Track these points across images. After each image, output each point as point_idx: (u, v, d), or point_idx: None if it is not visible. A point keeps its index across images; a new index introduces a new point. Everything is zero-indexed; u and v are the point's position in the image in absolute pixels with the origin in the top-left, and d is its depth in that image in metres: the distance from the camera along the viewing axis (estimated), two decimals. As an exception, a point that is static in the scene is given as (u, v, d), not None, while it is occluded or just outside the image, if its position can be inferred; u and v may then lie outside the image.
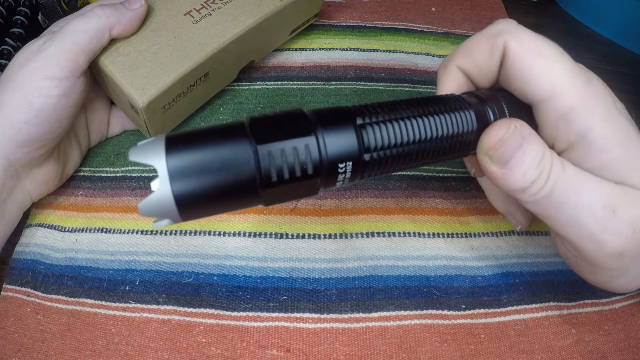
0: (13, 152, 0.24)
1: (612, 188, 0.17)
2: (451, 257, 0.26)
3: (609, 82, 0.19)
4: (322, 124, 0.15)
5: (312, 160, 0.14)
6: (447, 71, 0.20)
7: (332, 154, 0.15)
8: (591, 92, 0.17)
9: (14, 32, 0.34)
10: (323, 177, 0.15)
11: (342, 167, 0.15)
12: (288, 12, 0.32)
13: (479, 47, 0.19)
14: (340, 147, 0.15)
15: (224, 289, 0.25)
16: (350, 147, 0.15)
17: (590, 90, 0.17)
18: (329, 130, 0.15)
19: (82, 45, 0.24)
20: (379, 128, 0.16)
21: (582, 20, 0.45)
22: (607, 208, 0.16)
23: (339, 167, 0.15)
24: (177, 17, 0.28)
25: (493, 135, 0.17)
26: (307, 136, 0.14)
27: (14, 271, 0.26)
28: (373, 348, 0.23)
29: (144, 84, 0.25)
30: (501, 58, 0.18)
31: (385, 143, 0.16)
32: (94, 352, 0.23)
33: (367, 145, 0.15)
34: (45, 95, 0.23)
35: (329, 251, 0.26)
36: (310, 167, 0.14)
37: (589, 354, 0.23)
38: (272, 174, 0.14)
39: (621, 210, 0.16)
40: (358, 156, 0.15)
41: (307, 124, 0.14)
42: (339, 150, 0.15)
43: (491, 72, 0.19)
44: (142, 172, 0.30)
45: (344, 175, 0.15)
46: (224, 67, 0.31)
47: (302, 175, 0.14)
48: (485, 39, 0.19)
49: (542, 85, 0.17)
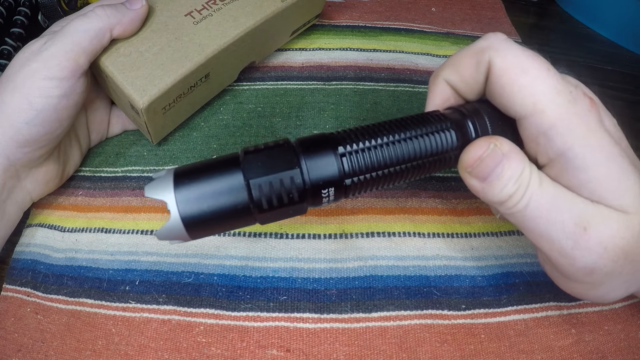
0: (13, 152, 0.24)
1: (587, 206, 0.17)
2: (451, 257, 0.26)
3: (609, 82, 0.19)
4: (306, 154, 0.17)
5: (297, 189, 0.16)
6: (435, 84, 0.21)
7: (316, 182, 0.17)
8: (574, 111, 0.17)
9: (14, 32, 0.34)
10: (309, 200, 0.17)
11: (325, 192, 0.17)
12: (289, 13, 0.32)
13: (465, 62, 0.19)
14: (323, 175, 0.17)
15: (224, 289, 0.25)
16: (332, 175, 0.17)
17: (573, 108, 0.17)
18: (312, 160, 0.17)
19: (83, 46, 0.24)
20: (359, 155, 0.17)
21: (582, 20, 0.45)
22: (579, 225, 0.17)
23: (322, 192, 0.17)
24: (178, 17, 0.28)
25: (472, 154, 0.18)
26: (292, 169, 0.16)
27: (14, 271, 0.26)
28: (373, 348, 0.23)
29: (145, 85, 0.25)
30: (486, 73, 0.19)
31: (365, 168, 0.17)
32: (94, 352, 0.23)
33: (348, 172, 0.17)
34: (46, 95, 0.23)
35: (329, 251, 0.26)
36: (296, 195, 0.16)
37: (589, 354, 0.23)
38: (263, 202, 0.16)
39: (593, 228, 0.17)
40: (339, 182, 0.17)
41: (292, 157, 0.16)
42: (322, 178, 0.17)
43: (477, 86, 0.19)
44: (142, 172, 0.30)
45: (327, 197, 0.17)
46: (225, 68, 0.31)
47: (289, 201, 0.16)
48: (471, 54, 0.19)
49: (523, 102, 0.17)
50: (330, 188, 0.17)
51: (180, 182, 0.16)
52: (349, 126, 0.32)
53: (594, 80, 0.39)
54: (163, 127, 0.30)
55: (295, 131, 0.32)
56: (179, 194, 0.16)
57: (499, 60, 0.18)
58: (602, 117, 0.18)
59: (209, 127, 0.32)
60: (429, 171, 0.19)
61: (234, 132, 0.32)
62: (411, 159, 0.18)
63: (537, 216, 0.17)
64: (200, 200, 0.16)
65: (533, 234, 0.18)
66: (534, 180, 0.17)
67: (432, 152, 0.18)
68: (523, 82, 0.17)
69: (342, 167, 0.17)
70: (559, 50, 0.41)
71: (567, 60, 0.41)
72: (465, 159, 0.18)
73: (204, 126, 0.32)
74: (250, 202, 0.16)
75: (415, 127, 0.18)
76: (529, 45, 0.40)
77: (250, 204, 0.16)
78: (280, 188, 0.16)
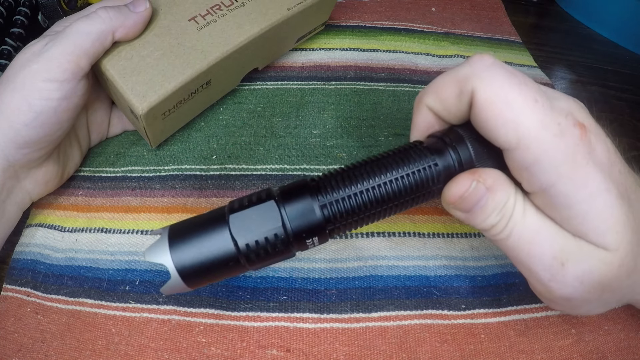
0: (12, 153, 0.23)
1: (568, 241, 0.17)
2: (451, 257, 0.26)
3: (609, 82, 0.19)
4: (288, 207, 0.18)
5: (282, 242, 0.18)
6: (418, 110, 0.20)
7: (298, 233, 0.18)
8: (560, 146, 0.16)
9: (14, 32, 0.34)
10: (295, 248, 0.18)
11: (310, 241, 0.18)
12: (295, 21, 0.31)
13: (448, 90, 0.19)
14: (305, 226, 0.18)
15: (223, 289, 0.25)
16: (315, 225, 0.18)
17: (559, 143, 0.16)
18: (294, 214, 0.18)
19: (85, 48, 0.24)
20: (340, 204, 0.18)
21: (582, 20, 0.45)
22: (557, 259, 0.17)
23: (307, 241, 0.18)
24: (182, 22, 0.28)
25: (454, 191, 0.18)
26: (276, 226, 0.17)
27: (14, 271, 0.26)
28: (373, 348, 0.23)
29: (145, 91, 0.25)
30: (470, 103, 0.18)
31: (346, 215, 0.18)
32: (94, 352, 0.23)
33: (330, 220, 0.18)
34: (46, 97, 0.23)
35: (329, 251, 0.26)
36: (280, 247, 0.18)
37: (589, 354, 0.23)
38: (252, 256, 0.18)
39: (570, 264, 0.17)
40: (322, 230, 0.18)
41: (275, 213, 0.18)
42: (304, 229, 0.18)
43: (460, 114, 0.19)
44: (142, 172, 0.30)
45: (312, 243, 0.19)
46: (227, 75, 0.31)
47: (275, 253, 0.18)
48: (454, 82, 0.18)
49: (507, 137, 0.16)
50: (314, 237, 0.18)
51: (175, 244, 0.18)
52: (349, 126, 0.32)
53: (594, 80, 0.40)
54: (162, 132, 0.30)
55: (295, 131, 0.32)
56: (175, 256, 0.17)
57: (481, 91, 0.17)
58: (593, 146, 0.17)
59: (209, 127, 0.32)
60: (412, 205, 0.19)
61: (234, 132, 0.32)
62: (393, 199, 0.18)
63: (518, 247, 0.18)
64: (194, 259, 0.17)
65: (515, 260, 0.18)
66: (518, 211, 0.17)
67: (414, 189, 0.18)
68: (507, 117, 0.16)
69: (324, 217, 0.18)
70: (559, 50, 0.41)
71: (567, 60, 0.41)
72: (447, 195, 0.18)
73: (204, 126, 0.32)
74: (240, 257, 0.18)
75: (397, 167, 0.18)
76: (529, 45, 0.41)
77: (240, 258, 0.18)
78: (265, 243, 0.17)
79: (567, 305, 0.19)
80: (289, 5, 0.30)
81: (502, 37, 0.41)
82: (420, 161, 0.18)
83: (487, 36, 0.41)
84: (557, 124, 0.16)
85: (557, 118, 0.16)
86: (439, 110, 0.19)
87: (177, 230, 0.18)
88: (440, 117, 0.20)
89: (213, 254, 0.17)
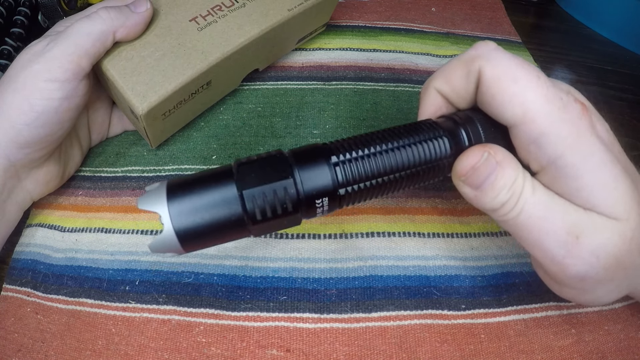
0: (14, 152, 0.24)
1: (579, 215, 0.17)
2: (451, 257, 0.26)
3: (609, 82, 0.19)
4: (299, 164, 0.17)
5: (291, 199, 0.16)
6: (427, 94, 0.21)
7: (309, 192, 0.16)
8: (565, 118, 0.17)
9: (14, 32, 0.34)
10: (303, 211, 0.17)
11: (319, 202, 0.17)
12: (295, 22, 0.31)
13: (456, 72, 0.19)
14: (316, 185, 0.17)
15: (224, 289, 0.25)
16: (326, 185, 0.17)
17: (563, 115, 0.17)
18: (306, 170, 0.17)
19: (86, 48, 0.24)
20: (352, 164, 0.17)
21: (582, 20, 0.45)
22: (571, 234, 0.17)
23: (316, 202, 0.17)
24: (182, 22, 0.28)
25: (465, 162, 0.18)
26: (286, 179, 0.16)
27: (14, 271, 0.26)
28: (373, 348, 0.23)
29: (145, 91, 0.25)
30: (477, 83, 0.19)
31: (358, 178, 0.17)
32: (94, 352, 0.23)
33: (341, 182, 0.17)
34: (47, 97, 0.23)
35: (329, 251, 0.26)
36: (290, 206, 0.16)
37: (589, 354, 0.23)
38: (257, 214, 0.16)
39: (585, 237, 0.17)
40: (333, 192, 0.17)
41: (285, 167, 0.16)
42: (315, 188, 0.17)
43: (468, 95, 0.20)
44: (142, 172, 0.30)
45: (322, 208, 0.17)
46: (227, 76, 0.31)
47: (283, 212, 0.16)
48: (461, 64, 0.19)
49: (514, 111, 0.17)
50: (324, 198, 0.17)
51: (174, 194, 0.16)
52: (349, 126, 0.32)
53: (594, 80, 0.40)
54: (162, 132, 0.30)
55: (295, 131, 0.32)
56: (172, 206, 0.15)
57: (488, 70, 0.18)
58: (594, 122, 0.18)
59: (209, 127, 0.32)
60: (423, 179, 0.19)
61: (234, 132, 0.32)
62: (405, 167, 0.18)
63: (530, 224, 0.17)
64: (193, 212, 0.16)
65: (526, 241, 0.18)
66: (527, 188, 0.17)
67: (425, 160, 0.18)
68: (513, 91, 0.17)
69: (336, 177, 0.17)
70: (559, 50, 0.41)
71: (567, 60, 0.41)
72: (459, 167, 0.18)
73: (204, 126, 0.32)
74: (244, 214, 0.16)
75: (408, 135, 0.18)
76: (529, 45, 0.41)
77: (244, 215, 0.16)
78: (273, 199, 0.16)
79: (580, 288, 0.18)
80: (289, 7, 0.30)
81: (502, 37, 0.41)
82: (431, 132, 0.18)
83: (487, 36, 0.41)
84: (560, 98, 0.17)
85: (559, 93, 0.17)
86: (447, 92, 0.20)
87: (178, 181, 0.17)
88: (448, 100, 0.21)
89: (215, 209, 0.16)
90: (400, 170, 0.18)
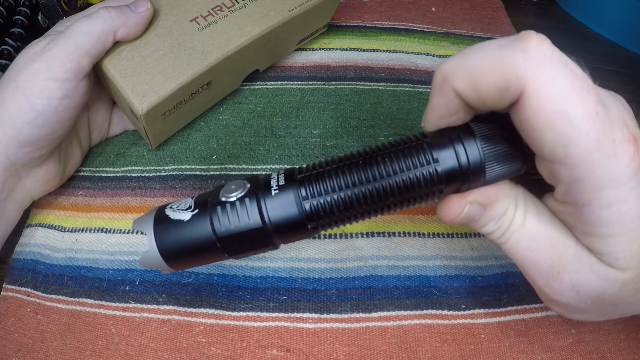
0: (14, 151, 0.24)
1: (567, 250, 0.16)
2: (451, 257, 0.26)
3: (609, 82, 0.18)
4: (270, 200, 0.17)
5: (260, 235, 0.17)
6: (442, 92, 0.16)
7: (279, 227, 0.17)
8: (610, 167, 0.14)
9: (14, 32, 0.34)
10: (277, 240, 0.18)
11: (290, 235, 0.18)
12: (296, 23, 0.31)
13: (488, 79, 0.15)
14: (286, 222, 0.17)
15: (224, 289, 0.25)
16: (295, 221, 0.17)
17: (610, 164, 0.14)
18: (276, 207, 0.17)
19: (86, 48, 0.24)
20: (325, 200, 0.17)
21: (582, 20, 0.45)
22: (553, 268, 0.17)
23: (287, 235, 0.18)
24: (183, 23, 0.28)
25: (446, 214, 0.18)
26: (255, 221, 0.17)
27: (14, 271, 0.26)
28: (373, 348, 0.23)
29: (145, 91, 0.25)
30: (513, 101, 0.15)
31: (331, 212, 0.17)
32: (94, 352, 0.23)
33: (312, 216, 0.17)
34: (48, 96, 0.23)
35: (329, 251, 0.26)
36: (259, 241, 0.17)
37: (589, 354, 0.23)
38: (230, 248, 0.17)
39: (567, 274, 0.16)
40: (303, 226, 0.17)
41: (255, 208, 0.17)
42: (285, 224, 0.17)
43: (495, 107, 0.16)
44: (142, 172, 0.30)
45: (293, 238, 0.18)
46: (227, 76, 0.31)
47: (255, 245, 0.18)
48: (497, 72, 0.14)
49: (555, 151, 0.14)
50: (294, 232, 0.17)
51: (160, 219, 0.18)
52: (349, 126, 0.32)
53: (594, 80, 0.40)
54: (162, 132, 0.30)
55: (295, 131, 0.32)
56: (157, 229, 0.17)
57: (536, 95, 0.14)
58: None
59: (209, 127, 0.32)
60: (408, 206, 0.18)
61: (234, 132, 0.32)
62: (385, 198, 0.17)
63: (514, 252, 0.18)
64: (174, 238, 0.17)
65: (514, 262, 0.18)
66: (517, 219, 0.17)
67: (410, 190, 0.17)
68: (562, 131, 0.14)
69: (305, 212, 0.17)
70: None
71: (567, 60, 0.41)
72: (441, 215, 0.18)
73: (204, 126, 0.32)
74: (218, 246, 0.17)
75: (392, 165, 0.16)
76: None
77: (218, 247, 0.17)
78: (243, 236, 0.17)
79: (565, 310, 0.18)
80: (290, 7, 0.30)
81: (502, 37, 0.41)
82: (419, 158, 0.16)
83: (487, 36, 0.41)
84: (613, 141, 0.14)
85: (613, 134, 0.14)
86: (471, 100, 0.16)
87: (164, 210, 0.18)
88: (468, 104, 0.16)
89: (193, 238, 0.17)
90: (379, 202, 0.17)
